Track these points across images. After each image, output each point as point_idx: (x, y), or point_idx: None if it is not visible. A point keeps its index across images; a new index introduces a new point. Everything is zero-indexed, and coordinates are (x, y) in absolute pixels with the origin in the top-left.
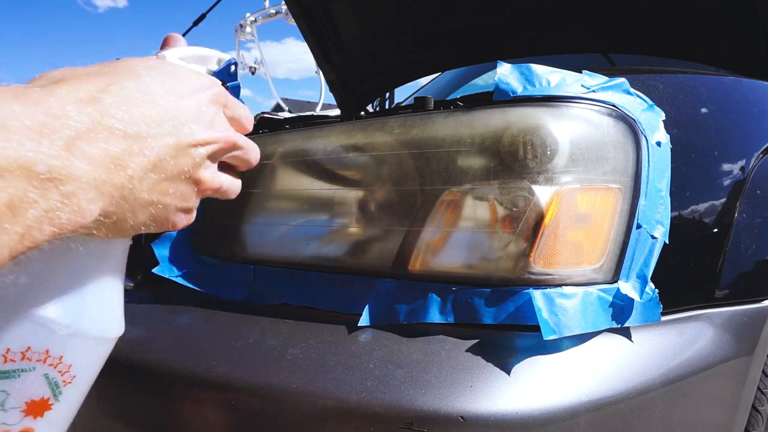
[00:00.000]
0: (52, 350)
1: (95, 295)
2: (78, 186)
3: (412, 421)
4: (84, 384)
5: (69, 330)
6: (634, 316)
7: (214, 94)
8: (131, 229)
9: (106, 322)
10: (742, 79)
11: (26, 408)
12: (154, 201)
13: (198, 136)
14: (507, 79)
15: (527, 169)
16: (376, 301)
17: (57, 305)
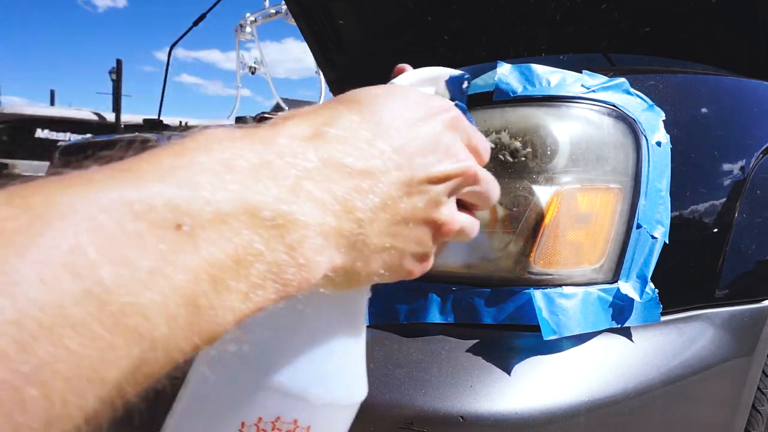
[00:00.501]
0: (299, 421)
1: (338, 358)
2: (305, 235)
3: (412, 421)
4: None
5: (313, 395)
6: (634, 316)
7: (450, 119)
8: (362, 281)
9: (351, 386)
10: (742, 79)
11: None
12: (387, 246)
13: (434, 169)
14: (507, 79)
15: (527, 169)
16: (376, 301)
17: (298, 372)
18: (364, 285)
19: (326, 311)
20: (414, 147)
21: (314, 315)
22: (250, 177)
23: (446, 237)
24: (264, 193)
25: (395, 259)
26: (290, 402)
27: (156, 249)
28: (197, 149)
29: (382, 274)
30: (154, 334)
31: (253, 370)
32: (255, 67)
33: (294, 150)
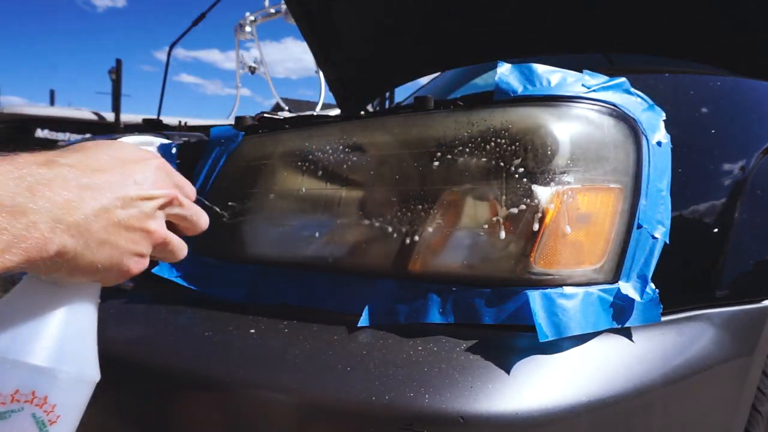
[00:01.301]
0: (37, 391)
1: (73, 338)
2: (39, 218)
3: (412, 421)
4: (69, 424)
5: (52, 372)
6: (634, 317)
7: (158, 163)
8: (91, 266)
9: (85, 365)
10: (742, 79)
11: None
12: (109, 240)
13: (143, 191)
14: (507, 79)
15: (527, 168)
16: (376, 301)
17: (38, 349)
18: (94, 275)
19: (68, 297)
20: (128, 175)
21: (58, 298)
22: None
23: (156, 245)
24: (6, 192)
25: (116, 254)
26: (26, 374)
27: None
28: None
29: (107, 265)
30: None
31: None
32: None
33: (31, 167)
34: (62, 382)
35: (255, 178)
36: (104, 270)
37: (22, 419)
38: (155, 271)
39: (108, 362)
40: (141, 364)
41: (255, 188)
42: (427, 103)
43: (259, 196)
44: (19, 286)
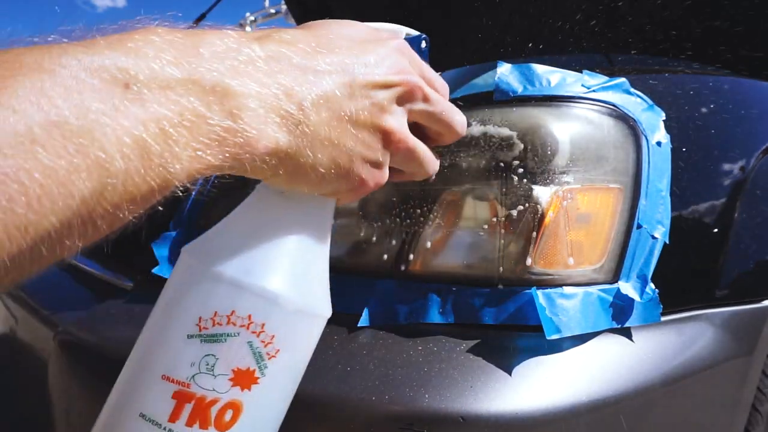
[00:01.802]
0: (254, 316)
1: (301, 263)
2: (244, 103)
3: (412, 421)
4: (289, 365)
5: (273, 296)
6: (634, 317)
7: (398, 44)
8: (313, 172)
9: (313, 295)
10: (742, 79)
11: (234, 376)
12: (333, 140)
13: (377, 77)
14: (507, 79)
15: (527, 168)
16: (376, 301)
17: (259, 269)
18: (318, 186)
19: (290, 217)
20: (359, 57)
21: (277, 220)
22: (194, 56)
23: (397, 150)
24: (206, 68)
25: (344, 157)
26: (243, 295)
27: (108, 99)
28: (148, 32)
29: (331, 169)
30: (110, 166)
31: (211, 263)
32: None
33: (240, 42)
34: (284, 310)
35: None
36: (330, 178)
37: (238, 346)
38: (155, 271)
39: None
40: None
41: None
42: None
43: None
44: (249, 197)
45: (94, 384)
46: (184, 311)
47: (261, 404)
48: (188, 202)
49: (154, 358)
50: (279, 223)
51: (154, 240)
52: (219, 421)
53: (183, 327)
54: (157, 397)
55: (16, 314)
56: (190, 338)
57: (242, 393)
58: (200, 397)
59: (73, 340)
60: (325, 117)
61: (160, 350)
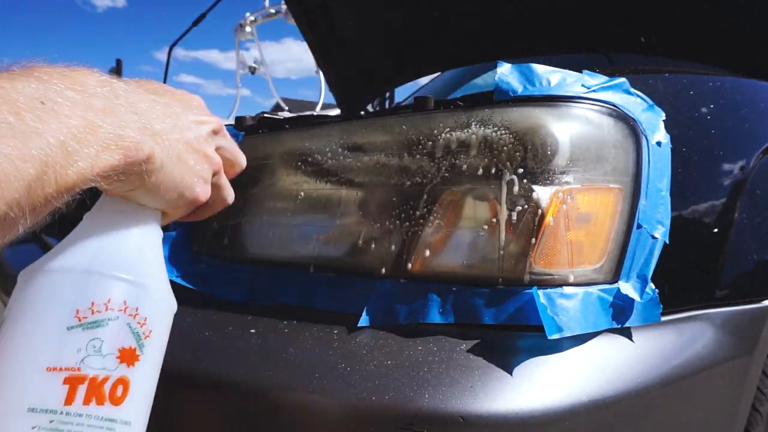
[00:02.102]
0: (128, 302)
1: (152, 260)
2: (127, 119)
3: (412, 421)
4: (159, 346)
5: (141, 285)
6: (634, 317)
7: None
8: (171, 182)
9: (166, 289)
10: (742, 79)
11: (120, 355)
12: (183, 157)
13: (199, 116)
14: (507, 79)
15: (527, 168)
16: (376, 302)
17: (124, 263)
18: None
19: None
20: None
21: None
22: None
23: (214, 172)
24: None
25: (188, 173)
26: (115, 285)
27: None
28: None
29: (181, 183)
30: (46, 158)
31: (82, 262)
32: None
33: (126, 89)
34: (150, 297)
35: (255, 178)
36: (180, 189)
37: (119, 327)
38: None
39: None
40: None
41: (255, 188)
42: (427, 103)
43: (259, 196)
44: (95, 207)
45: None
46: (60, 308)
47: (143, 379)
48: None
49: (32, 355)
50: (131, 226)
51: None
52: (113, 396)
53: (62, 322)
54: (46, 388)
55: None
56: (71, 329)
57: (128, 369)
58: (93, 377)
59: None
60: (177, 138)
61: (38, 347)
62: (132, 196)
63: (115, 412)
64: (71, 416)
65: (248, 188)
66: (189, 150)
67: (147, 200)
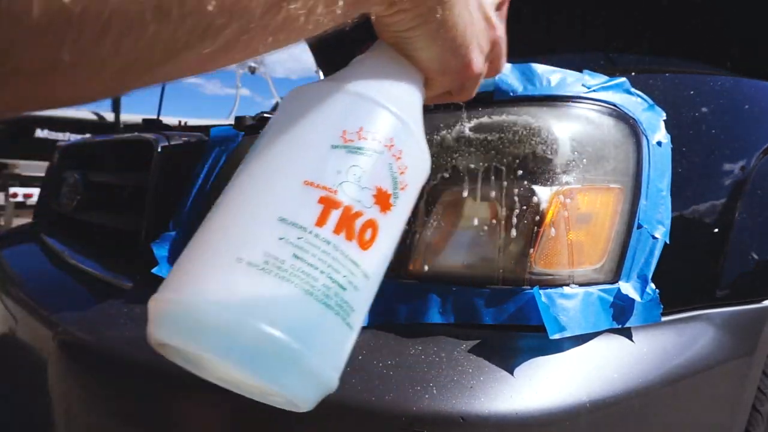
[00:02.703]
0: (396, 140)
1: (418, 109)
2: None
3: (412, 421)
4: (407, 207)
5: (408, 124)
6: (634, 317)
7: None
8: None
9: (424, 146)
10: (742, 79)
11: (376, 193)
12: (468, 10)
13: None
14: (507, 79)
15: (528, 168)
16: (376, 302)
17: (398, 101)
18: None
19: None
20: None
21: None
22: None
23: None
24: None
25: (470, 30)
26: (387, 118)
27: None
28: None
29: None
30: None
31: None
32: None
33: None
34: (414, 146)
35: None
36: (458, 45)
37: (381, 164)
38: (155, 271)
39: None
40: (141, 364)
41: None
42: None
43: None
44: (365, 53)
45: (94, 384)
46: (326, 123)
47: (389, 233)
48: (188, 203)
49: (292, 165)
50: (401, 73)
51: (154, 240)
52: (361, 237)
53: (327, 138)
54: (301, 201)
55: (16, 314)
56: (335, 148)
57: (380, 214)
58: (348, 206)
59: (73, 340)
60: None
61: (300, 157)
62: (407, 41)
63: (361, 257)
64: (320, 239)
65: None
66: (476, 6)
67: (422, 49)
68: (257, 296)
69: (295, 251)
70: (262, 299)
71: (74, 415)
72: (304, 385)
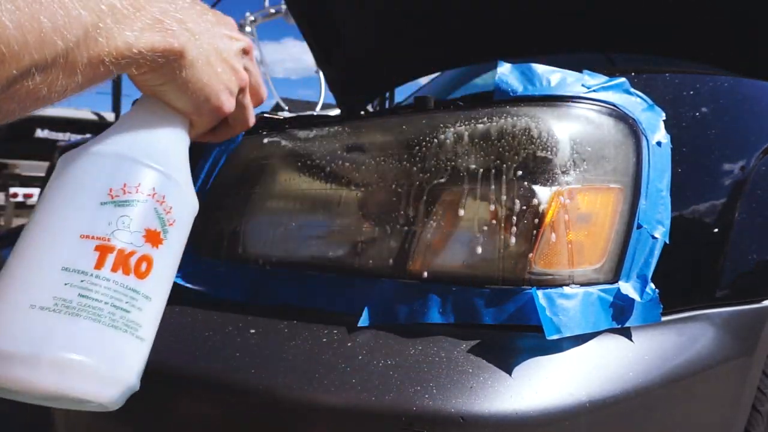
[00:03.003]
0: (157, 189)
1: (182, 160)
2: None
3: (412, 421)
4: (180, 237)
5: (169, 175)
6: (634, 317)
7: (245, 39)
8: (198, 83)
9: (189, 186)
10: (742, 79)
11: (146, 234)
12: (212, 62)
13: (231, 32)
14: (507, 79)
15: (528, 168)
16: (376, 301)
17: (156, 155)
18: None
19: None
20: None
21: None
22: None
23: (241, 87)
24: None
25: (215, 79)
26: (147, 172)
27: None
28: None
29: (208, 87)
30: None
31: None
32: None
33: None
34: (176, 190)
35: (255, 179)
36: (206, 93)
37: (147, 210)
38: None
39: None
40: None
41: (255, 188)
42: (427, 103)
43: (259, 196)
44: (133, 106)
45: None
46: (94, 184)
47: (165, 262)
48: None
49: (68, 224)
50: (165, 125)
51: None
52: (138, 270)
53: (95, 196)
54: (79, 252)
55: None
56: (104, 204)
57: (152, 249)
58: (121, 249)
59: None
60: (207, 41)
61: (74, 216)
62: (162, 93)
63: (139, 285)
64: (100, 279)
65: (248, 188)
66: (219, 58)
67: (175, 99)
68: (53, 331)
69: (80, 291)
70: (57, 333)
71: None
72: (107, 391)
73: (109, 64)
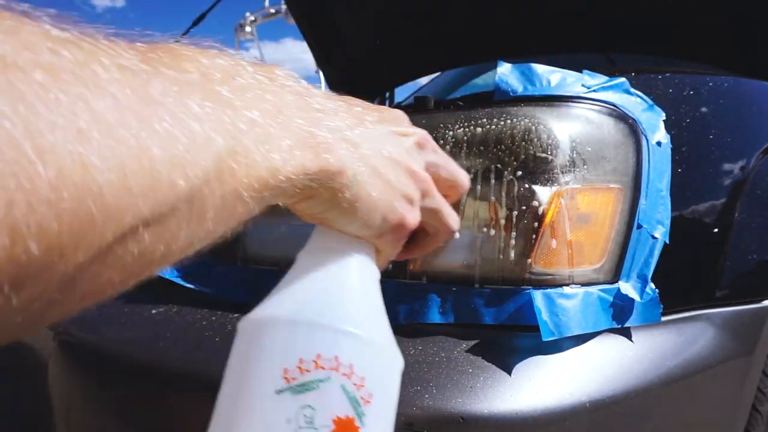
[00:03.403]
0: (341, 357)
1: (372, 307)
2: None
3: (412, 421)
4: (384, 413)
5: (355, 335)
6: (634, 317)
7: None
8: (368, 201)
9: (385, 339)
10: (742, 79)
11: (335, 427)
12: (380, 170)
13: (401, 128)
14: (507, 79)
15: (527, 168)
16: None
17: (333, 310)
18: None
19: (348, 261)
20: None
21: (337, 265)
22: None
23: (423, 191)
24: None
25: (389, 190)
26: (324, 335)
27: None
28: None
29: (382, 201)
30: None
31: (282, 313)
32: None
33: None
34: (366, 350)
35: None
36: (381, 210)
37: (331, 391)
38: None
39: (108, 362)
40: (141, 364)
41: None
42: (427, 103)
43: None
44: (306, 246)
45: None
46: (266, 367)
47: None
48: None
49: (242, 427)
50: (340, 266)
51: None
52: None
53: (269, 384)
54: None
55: None
56: (280, 393)
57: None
58: None
59: (73, 340)
60: (372, 148)
61: (248, 416)
62: (328, 221)
63: None
64: None
65: None
66: (388, 163)
67: (345, 225)
68: None
69: None
70: None
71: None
72: None
73: (249, 199)
